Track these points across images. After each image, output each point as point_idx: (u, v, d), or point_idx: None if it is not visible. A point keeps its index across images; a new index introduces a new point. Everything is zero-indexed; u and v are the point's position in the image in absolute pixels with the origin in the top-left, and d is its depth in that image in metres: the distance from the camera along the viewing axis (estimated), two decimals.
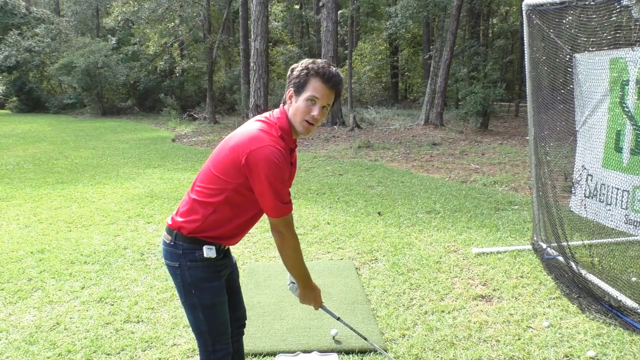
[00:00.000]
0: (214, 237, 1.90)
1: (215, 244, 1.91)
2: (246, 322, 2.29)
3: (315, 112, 1.83)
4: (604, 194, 3.68)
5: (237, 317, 2.18)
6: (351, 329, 2.41)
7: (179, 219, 1.91)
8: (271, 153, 1.76)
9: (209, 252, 1.88)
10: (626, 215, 3.46)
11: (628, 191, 3.45)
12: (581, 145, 3.99)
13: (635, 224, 3.43)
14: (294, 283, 2.11)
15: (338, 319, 2.33)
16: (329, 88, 1.83)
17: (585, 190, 3.88)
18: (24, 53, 25.48)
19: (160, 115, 21.63)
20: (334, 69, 1.86)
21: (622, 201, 3.50)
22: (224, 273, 2.01)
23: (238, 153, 1.80)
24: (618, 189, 3.52)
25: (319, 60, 1.87)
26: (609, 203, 3.62)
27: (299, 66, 1.87)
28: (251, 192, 1.84)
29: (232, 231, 1.93)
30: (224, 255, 1.99)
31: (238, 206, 1.88)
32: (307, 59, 1.90)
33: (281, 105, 1.94)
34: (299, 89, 1.84)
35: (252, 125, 1.87)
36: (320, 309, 2.15)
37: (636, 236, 3.49)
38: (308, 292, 2.08)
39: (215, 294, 1.94)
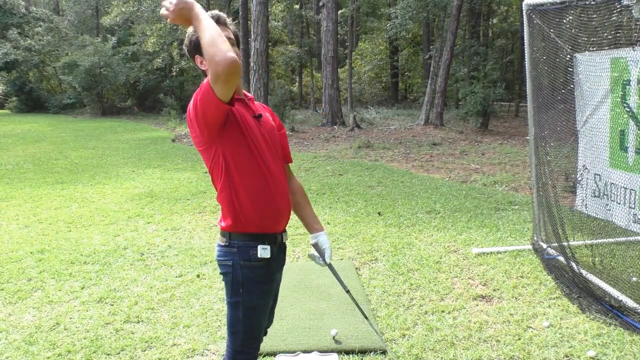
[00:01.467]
0: (255, 212, 1.85)
1: (269, 236, 1.89)
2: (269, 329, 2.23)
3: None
4: (614, 194, 3.68)
5: (269, 319, 2.17)
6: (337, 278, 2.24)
7: (223, 222, 1.90)
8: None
9: (263, 252, 1.86)
10: (635, 214, 3.46)
11: (635, 190, 3.45)
12: (582, 146, 3.98)
13: None
14: (313, 255, 2.07)
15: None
16: (222, 27, 1.80)
17: (595, 190, 3.88)
18: (23, 52, 25.47)
19: (160, 115, 21.62)
20: (217, 11, 1.84)
21: (629, 200, 3.50)
22: (276, 277, 1.99)
23: (188, 112, 1.81)
24: (625, 188, 3.52)
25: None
26: (618, 202, 3.62)
27: (187, 35, 1.87)
28: (231, 141, 1.81)
29: (264, 204, 1.87)
30: (279, 254, 1.97)
31: (238, 166, 1.84)
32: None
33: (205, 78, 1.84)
34: (198, 47, 1.81)
35: None
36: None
37: None
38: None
39: (260, 296, 1.92)
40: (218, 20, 1.80)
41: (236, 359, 1.97)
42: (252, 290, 1.89)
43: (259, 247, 1.86)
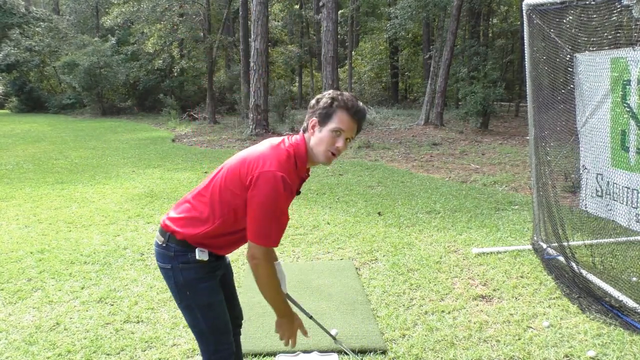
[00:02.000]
0: (205, 245, 1.88)
1: (205, 249, 1.90)
2: (243, 322, 2.30)
3: (339, 143, 1.83)
4: (616, 193, 3.68)
5: (233, 316, 2.17)
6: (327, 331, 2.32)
7: (176, 226, 1.89)
8: (278, 180, 1.75)
9: (201, 254, 1.87)
10: (637, 214, 3.47)
11: (637, 190, 3.45)
12: (583, 146, 3.99)
13: None
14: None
15: (311, 317, 2.23)
16: (354, 121, 1.83)
17: (597, 189, 3.88)
18: (24, 52, 25.46)
19: (160, 115, 21.61)
20: (361, 103, 1.87)
21: (632, 200, 3.50)
22: (218, 273, 2.00)
23: (248, 170, 1.79)
24: (628, 187, 3.53)
25: (346, 93, 1.87)
26: (621, 202, 3.63)
27: (326, 96, 1.85)
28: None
29: (226, 243, 1.93)
30: (215, 257, 1.96)
31: (238, 221, 1.85)
32: (333, 91, 1.88)
33: (301, 132, 1.92)
34: (325, 119, 1.83)
35: (269, 146, 1.87)
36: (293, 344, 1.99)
37: None
38: (284, 322, 1.96)
39: (210, 293, 1.93)
40: (356, 113, 1.84)
41: (212, 358, 1.98)
42: (199, 290, 1.91)
43: (197, 250, 1.87)
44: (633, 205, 3.50)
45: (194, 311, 1.94)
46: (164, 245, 1.90)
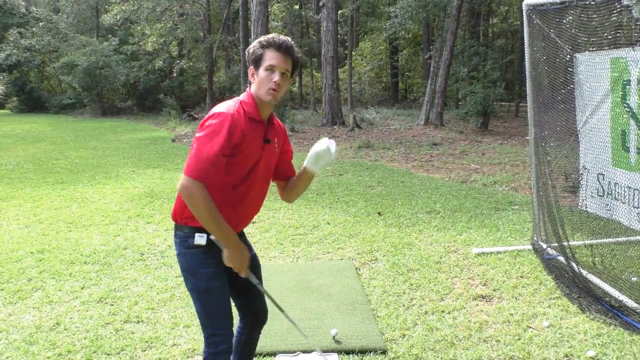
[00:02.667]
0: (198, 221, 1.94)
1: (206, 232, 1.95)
2: (264, 325, 2.33)
3: (276, 78, 1.93)
4: (617, 192, 3.68)
5: (251, 310, 2.23)
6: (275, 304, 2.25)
7: (175, 213, 2.03)
8: (218, 115, 1.88)
9: (199, 239, 1.96)
10: (638, 213, 3.46)
11: (638, 190, 3.45)
12: (583, 146, 3.99)
13: None
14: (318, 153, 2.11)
15: (259, 282, 2.17)
16: (283, 54, 1.94)
17: (598, 189, 3.88)
18: (24, 52, 25.46)
19: (160, 115, 21.61)
20: (284, 37, 1.97)
21: (633, 200, 3.50)
22: (220, 258, 2.00)
23: (201, 124, 1.94)
24: (629, 187, 3.53)
25: (270, 34, 2.01)
26: (622, 202, 3.62)
27: (253, 43, 2.00)
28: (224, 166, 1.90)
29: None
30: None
31: (219, 183, 1.92)
32: (259, 38, 2.02)
33: (247, 87, 2.05)
34: (257, 62, 1.96)
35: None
36: (247, 275, 2.05)
37: None
38: (232, 252, 1.95)
39: (209, 279, 2.00)
40: (280, 47, 1.95)
41: (210, 342, 2.04)
42: (198, 274, 2.00)
43: (196, 234, 1.96)
44: (634, 205, 3.50)
45: (194, 295, 2.03)
46: (174, 233, 2.04)
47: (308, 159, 2.14)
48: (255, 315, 2.24)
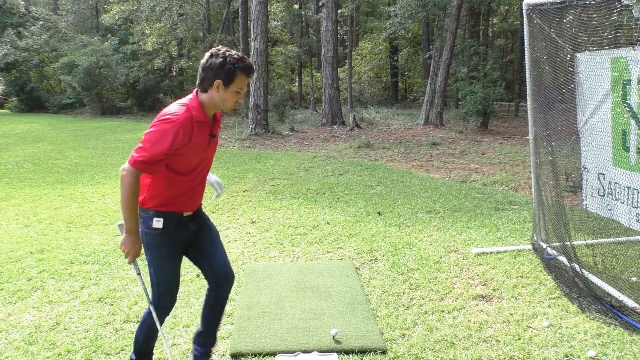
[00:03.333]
0: (159, 205, 2.29)
1: (166, 214, 2.30)
2: (230, 288, 2.60)
3: (241, 99, 2.31)
4: (617, 192, 3.68)
5: (215, 272, 2.52)
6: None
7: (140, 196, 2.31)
8: (169, 115, 2.18)
9: (157, 224, 2.29)
10: (638, 214, 3.46)
11: (638, 190, 3.45)
12: (584, 145, 3.98)
13: None
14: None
15: (139, 274, 2.47)
16: (250, 77, 2.30)
17: (599, 189, 3.88)
18: (22, 52, 25.44)
19: None
20: (251, 61, 2.29)
21: (633, 200, 3.50)
22: (180, 241, 2.39)
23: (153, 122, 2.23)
24: (629, 187, 3.52)
25: (237, 54, 2.25)
26: (622, 202, 3.62)
27: (227, 60, 2.21)
28: (172, 157, 2.20)
29: (165, 200, 2.30)
30: (176, 224, 2.35)
31: (172, 177, 2.28)
32: (225, 49, 2.26)
33: (195, 90, 2.32)
34: (228, 82, 2.23)
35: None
36: (132, 264, 2.37)
37: None
38: (129, 238, 2.26)
39: (163, 258, 2.37)
40: (250, 72, 2.27)
41: (156, 311, 2.42)
42: (155, 253, 2.35)
43: (154, 219, 2.29)
44: (634, 205, 3.50)
45: (150, 267, 2.39)
46: (139, 214, 2.31)
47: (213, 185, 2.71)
48: (217, 276, 2.53)
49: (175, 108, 2.23)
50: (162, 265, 2.38)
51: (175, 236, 2.36)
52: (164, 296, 2.43)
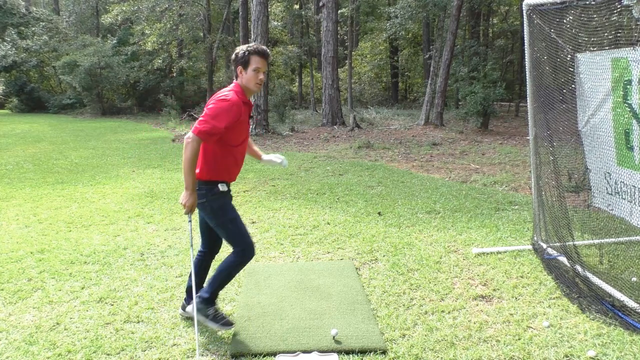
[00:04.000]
0: (218, 175, 2.88)
1: (224, 181, 2.90)
2: (215, 255, 3.25)
3: (261, 76, 2.87)
4: (624, 191, 3.66)
5: (217, 243, 3.19)
6: None
7: (199, 170, 2.87)
8: (223, 96, 2.79)
9: (222, 187, 2.90)
10: None
11: None
12: (586, 145, 3.98)
13: None
14: (272, 161, 3.26)
15: (190, 221, 3.03)
16: (264, 59, 2.87)
17: (607, 188, 3.87)
18: (22, 52, 25.44)
19: (160, 115, 21.62)
20: (263, 46, 2.87)
21: (638, 199, 3.48)
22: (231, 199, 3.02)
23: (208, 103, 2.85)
24: (634, 186, 3.51)
25: (251, 43, 2.92)
26: (629, 200, 3.61)
27: (241, 50, 2.86)
28: (225, 135, 2.80)
29: (226, 170, 2.90)
30: (229, 190, 2.97)
31: (223, 149, 2.86)
32: (243, 45, 2.90)
33: (234, 80, 2.95)
34: (245, 65, 2.85)
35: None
36: (187, 214, 2.85)
37: None
38: (187, 193, 2.78)
39: (230, 211, 2.94)
40: (261, 54, 2.85)
41: (240, 254, 2.94)
42: (224, 212, 2.91)
43: (218, 185, 2.89)
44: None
45: (225, 226, 2.92)
46: (198, 187, 2.84)
47: (271, 159, 3.28)
48: (216, 246, 3.21)
49: (226, 91, 2.82)
50: (233, 218, 2.92)
51: (229, 198, 2.97)
52: (246, 238, 2.95)
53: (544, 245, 4.29)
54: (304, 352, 2.87)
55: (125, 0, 20.48)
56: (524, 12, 4.19)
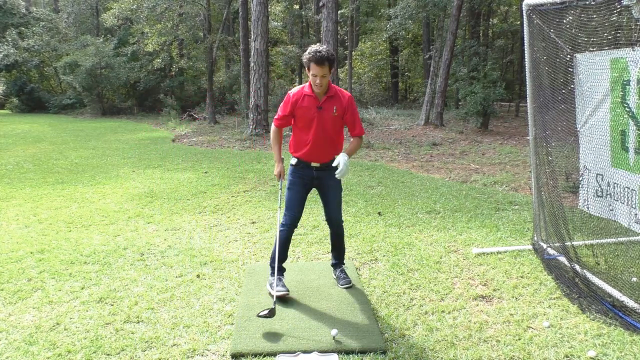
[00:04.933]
0: (295, 152, 3.64)
1: (298, 158, 3.61)
2: (337, 230, 3.82)
3: (317, 81, 3.37)
4: (616, 193, 3.66)
5: (326, 214, 3.80)
6: None
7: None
8: (287, 94, 3.59)
9: (293, 161, 3.65)
10: (636, 214, 3.45)
11: (635, 190, 3.44)
12: (584, 145, 3.98)
13: None
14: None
15: (280, 188, 3.76)
16: (320, 65, 3.30)
17: (597, 190, 3.87)
18: (23, 52, 25.43)
19: (160, 115, 21.62)
20: (323, 50, 3.31)
21: (631, 200, 3.49)
22: (303, 175, 3.62)
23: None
24: (627, 187, 3.51)
25: (313, 47, 3.36)
26: (622, 202, 3.61)
27: (305, 54, 3.37)
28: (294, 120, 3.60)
29: (296, 147, 3.62)
30: (304, 166, 3.60)
31: (294, 130, 3.64)
32: (313, 47, 3.35)
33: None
34: (307, 69, 3.39)
35: None
36: (279, 181, 3.72)
37: None
38: (276, 164, 3.75)
39: (290, 183, 3.64)
40: (318, 60, 3.31)
41: (283, 218, 3.62)
42: (288, 180, 3.66)
43: (292, 158, 3.64)
44: (633, 206, 3.49)
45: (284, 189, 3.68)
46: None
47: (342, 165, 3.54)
48: (328, 219, 3.82)
49: (297, 86, 3.58)
50: (289, 188, 3.62)
51: (302, 173, 3.61)
52: (286, 209, 3.61)
53: (544, 245, 4.29)
54: (304, 352, 2.87)
55: None
56: (524, 12, 4.19)
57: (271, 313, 3.12)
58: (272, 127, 3.67)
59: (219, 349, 2.91)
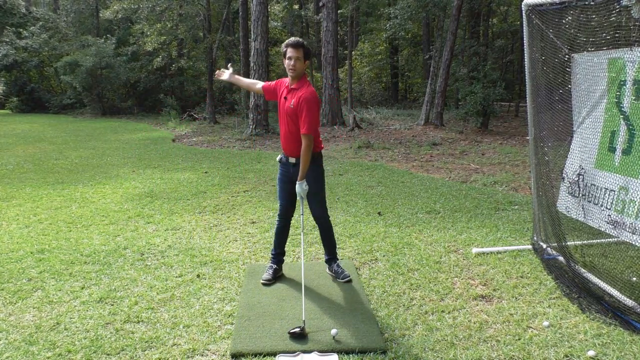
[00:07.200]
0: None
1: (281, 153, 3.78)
2: (321, 225, 3.94)
3: (292, 63, 3.48)
4: (592, 194, 3.68)
5: (311, 214, 3.89)
6: None
7: None
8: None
9: (278, 156, 3.82)
10: (608, 215, 3.46)
11: (614, 191, 3.45)
12: (578, 145, 3.98)
13: (614, 224, 3.43)
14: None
15: (301, 198, 3.75)
16: (295, 48, 3.46)
17: (576, 190, 3.88)
18: (22, 52, 25.42)
19: (160, 115, 21.62)
20: (297, 38, 3.49)
21: (607, 201, 3.50)
22: (283, 172, 3.78)
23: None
24: (606, 189, 3.52)
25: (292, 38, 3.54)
26: (595, 203, 3.62)
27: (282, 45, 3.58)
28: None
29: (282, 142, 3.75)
30: (284, 162, 3.75)
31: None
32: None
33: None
34: (284, 57, 3.53)
35: None
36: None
37: (616, 237, 3.48)
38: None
39: (277, 179, 3.84)
40: (292, 44, 3.48)
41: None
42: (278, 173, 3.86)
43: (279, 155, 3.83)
44: (607, 207, 3.50)
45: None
46: None
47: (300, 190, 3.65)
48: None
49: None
50: (278, 181, 3.84)
51: (282, 170, 3.78)
52: (280, 205, 3.87)
53: (544, 245, 4.29)
54: (304, 352, 2.87)
55: None
56: (523, 12, 4.19)
57: (302, 331, 3.03)
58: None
59: (219, 349, 2.92)
